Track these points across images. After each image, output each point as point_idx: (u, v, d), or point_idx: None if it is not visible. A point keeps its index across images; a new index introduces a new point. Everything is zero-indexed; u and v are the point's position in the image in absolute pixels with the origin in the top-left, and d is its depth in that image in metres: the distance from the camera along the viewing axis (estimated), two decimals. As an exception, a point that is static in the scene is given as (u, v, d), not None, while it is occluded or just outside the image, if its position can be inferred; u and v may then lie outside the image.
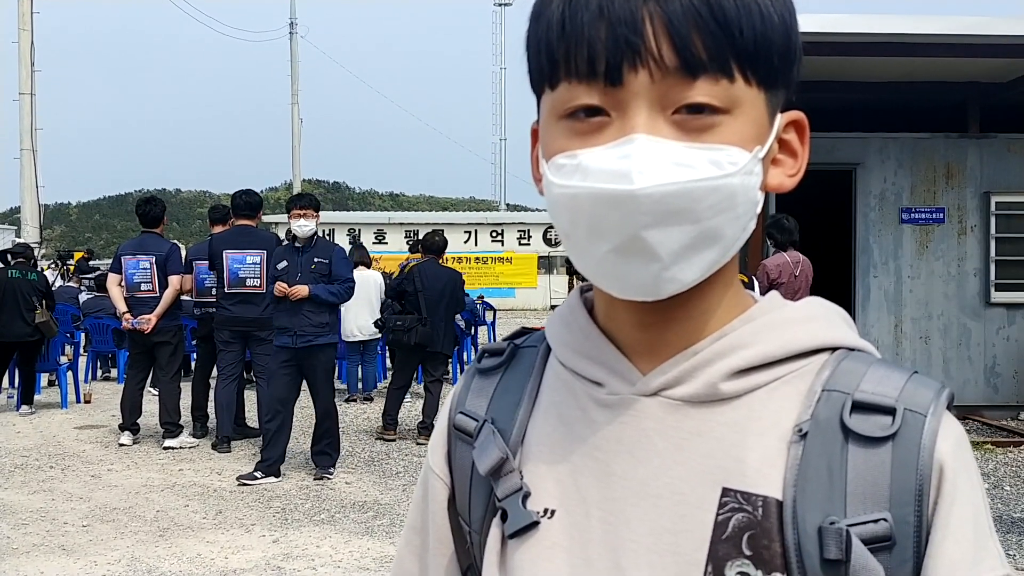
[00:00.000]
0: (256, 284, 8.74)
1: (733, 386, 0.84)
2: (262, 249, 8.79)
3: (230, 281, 8.72)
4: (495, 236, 32.44)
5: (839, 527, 0.77)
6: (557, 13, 0.81)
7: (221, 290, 8.79)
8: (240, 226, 8.98)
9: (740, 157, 0.79)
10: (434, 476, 1.00)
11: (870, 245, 10.27)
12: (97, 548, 5.98)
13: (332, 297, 7.70)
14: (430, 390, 9.39)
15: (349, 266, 8.03)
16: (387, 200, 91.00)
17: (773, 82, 0.82)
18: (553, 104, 0.83)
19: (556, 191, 0.81)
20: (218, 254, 8.73)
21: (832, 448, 0.80)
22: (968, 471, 0.81)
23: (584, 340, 0.91)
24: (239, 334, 8.77)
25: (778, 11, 0.81)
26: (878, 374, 0.83)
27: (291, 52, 44.88)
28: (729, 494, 0.81)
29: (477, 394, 0.98)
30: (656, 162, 0.76)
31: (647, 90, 0.78)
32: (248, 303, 8.71)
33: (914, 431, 0.79)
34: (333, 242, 9.10)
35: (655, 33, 0.77)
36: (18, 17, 23.39)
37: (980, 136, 10.35)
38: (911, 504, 0.78)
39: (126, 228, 64.05)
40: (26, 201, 24.28)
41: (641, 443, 0.85)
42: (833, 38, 8.51)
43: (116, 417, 9.57)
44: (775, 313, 0.88)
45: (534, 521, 0.87)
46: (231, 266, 8.71)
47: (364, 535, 6.27)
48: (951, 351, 10.32)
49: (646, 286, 0.80)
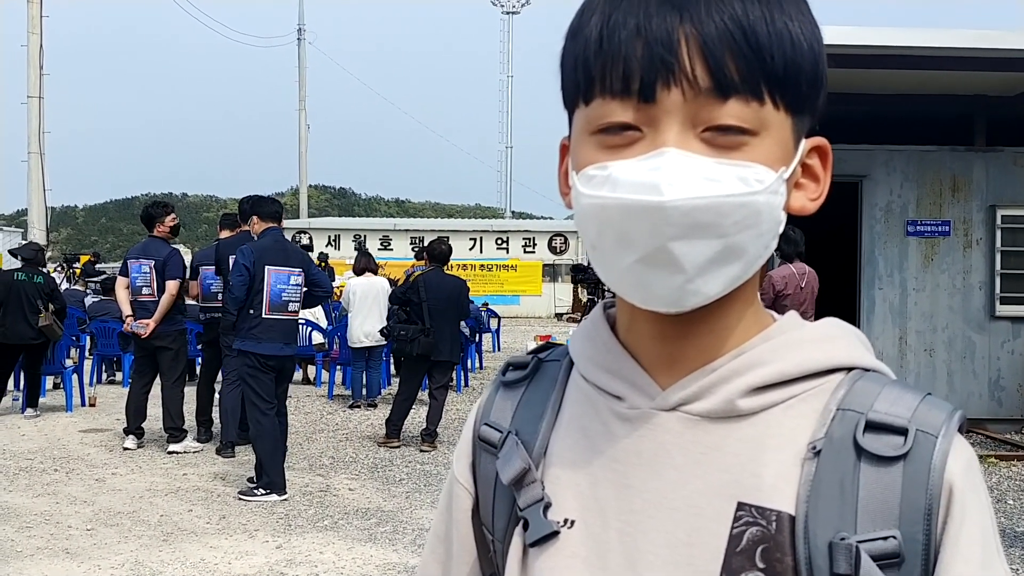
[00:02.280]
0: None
1: (750, 403, 0.86)
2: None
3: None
4: (500, 243, 32.43)
5: (849, 543, 0.79)
6: (595, 31, 0.83)
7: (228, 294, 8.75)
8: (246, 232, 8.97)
9: (767, 176, 0.81)
10: (459, 485, 1.02)
11: (875, 257, 10.27)
12: (101, 552, 5.99)
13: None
14: (435, 397, 9.39)
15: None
16: (393, 206, 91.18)
17: (800, 107, 0.84)
18: (587, 119, 0.84)
19: (585, 201, 0.83)
20: (224, 259, 8.72)
21: (845, 466, 0.82)
22: (977, 492, 0.83)
23: (606, 354, 0.93)
24: None
25: (808, 39, 0.83)
26: (892, 395, 0.84)
27: (299, 58, 44.99)
28: (744, 508, 0.83)
29: (502, 406, 1.00)
30: (686, 176, 0.78)
31: (679, 108, 0.80)
32: None
33: (925, 451, 0.81)
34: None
35: (690, 53, 0.79)
36: (27, 20, 23.48)
37: (986, 149, 10.36)
38: (920, 523, 0.80)
39: (132, 231, 64.20)
40: (33, 204, 24.35)
41: (659, 457, 0.87)
42: (841, 50, 8.52)
43: (121, 421, 9.58)
44: (793, 332, 0.89)
45: (554, 531, 0.89)
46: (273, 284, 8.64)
47: (367, 542, 6.28)
48: (956, 364, 10.31)
49: (669, 297, 0.82)
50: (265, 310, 7.38)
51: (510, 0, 57.84)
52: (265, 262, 7.44)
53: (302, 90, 44.32)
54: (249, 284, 7.38)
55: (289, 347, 7.55)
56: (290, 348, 7.59)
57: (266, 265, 7.42)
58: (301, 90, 44.33)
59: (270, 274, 7.43)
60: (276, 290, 7.45)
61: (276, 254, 7.54)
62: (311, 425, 10.61)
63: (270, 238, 7.68)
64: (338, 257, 26.26)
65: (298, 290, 7.60)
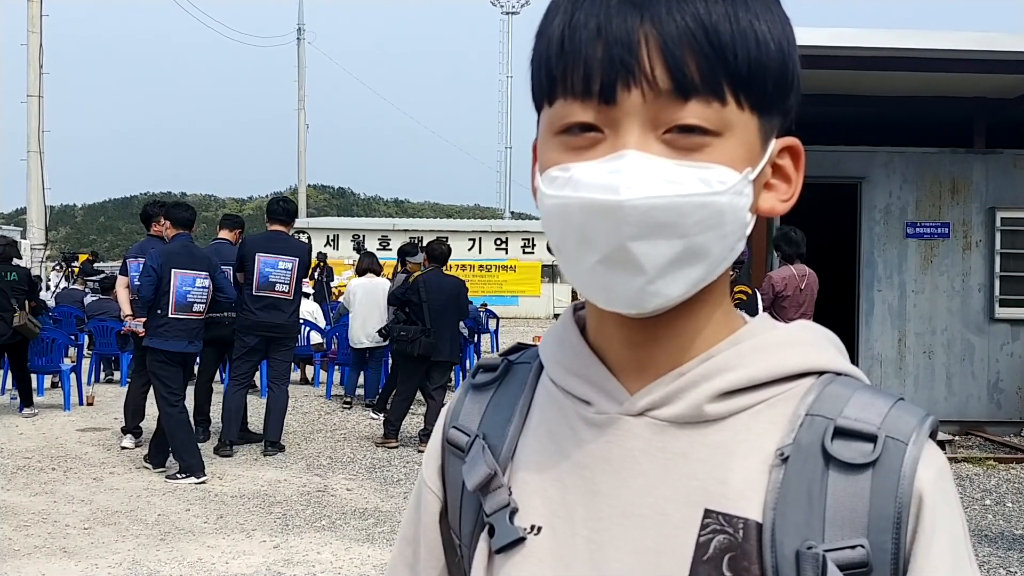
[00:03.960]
0: (285, 290, 8.75)
1: (718, 408, 0.84)
2: (295, 256, 8.80)
3: (259, 284, 8.71)
4: (499, 244, 32.42)
5: (816, 552, 0.77)
6: (557, 32, 0.82)
7: (248, 292, 8.74)
8: (274, 231, 9.00)
9: (730, 177, 0.80)
10: (427, 489, 1.01)
11: (875, 259, 10.27)
12: (98, 551, 5.98)
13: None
14: (433, 397, 9.39)
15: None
16: (392, 206, 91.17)
17: (767, 108, 0.83)
18: (550, 120, 0.84)
19: (548, 202, 0.82)
20: (250, 256, 8.72)
21: (813, 473, 0.80)
22: (948, 500, 0.81)
23: (574, 358, 0.92)
24: (264, 339, 8.77)
25: (775, 38, 0.82)
26: (862, 400, 0.83)
27: (298, 58, 45.00)
28: (711, 515, 0.81)
29: (470, 409, 0.99)
30: (645, 177, 0.77)
31: (639, 109, 0.79)
32: (275, 308, 8.72)
33: (895, 459, 0.80)
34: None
35: (649, 54, 0.78)
36: (27, 19, 23.48)
37: (986, 151, 10.36)
38: (889, 532, 0.79)
39: (131, 231, 64.16)
40: (32, 202, 24.35)
41: (627, 463, 0.86)
42: (840, 52, 8.53)
43: (119, 420, 9.58)
44: (763, 336, 0.88)
45: (520, 537, 0.88)
46: (262, 269, 8.71)
47: (365, 542, 6.27)
48: (954, 366, 10.30)
49: (631, 299, 0.81)
50: (171, 310, 7.88)
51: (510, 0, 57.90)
52: (172, 265, 7.94)
53: (301, 90, 44.34)
54: (156, 285, 7.88)
55: (193, 345, 8.04)
56: (194, 346, 8.07)
57: (173, 268, 7.93)
58: (300, 90, 44.34)
59: (176, 276, 7.93)
60: (182, 292, 7.95)
61: (183, 258, 8.04)
62: (309, 425, 10.60)
63: (179, 243, 8.19)
64: (337, 257, 26.27)
65: (204, 292, 8.09)
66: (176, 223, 8.29)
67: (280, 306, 8.75)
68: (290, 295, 8.79)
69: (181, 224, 8.28)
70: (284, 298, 8.76)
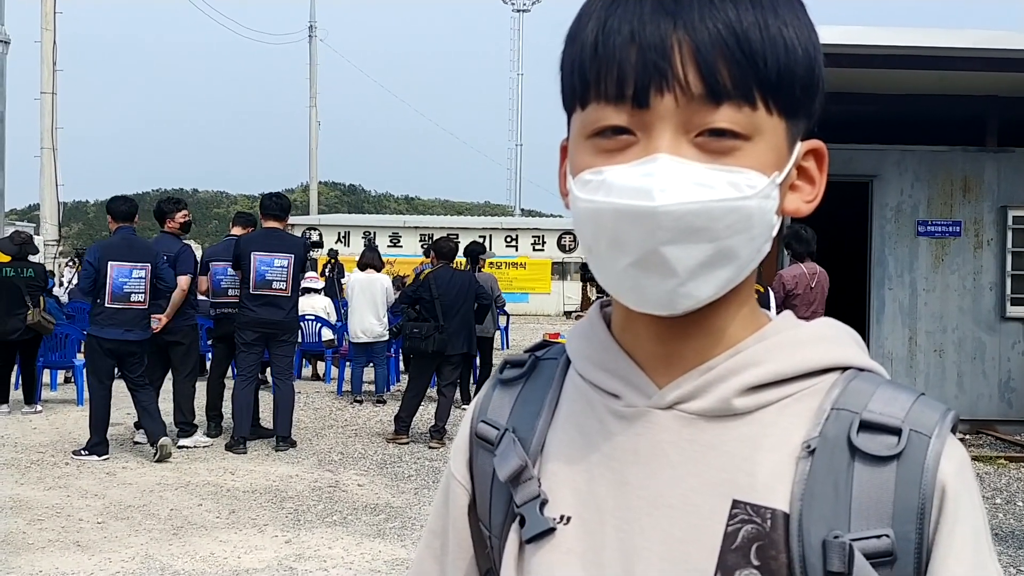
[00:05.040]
0: (283, 287, 8.79)
1: (745, 402, 0.87)
2: (290, 253, 8.84)
3: (256, 283, 8.76)
4: (509, 241, 32.42)
5: (842, 541, 0.80)
6: (591, 36, 0.84)
7: (246, 291, 8.81)
8: (269, 228, 9.03)
9: (759, 181, 0.82)
10: (456, 482, 1.03)
11: (886, 257, 10.25)
12: (111, 545, 6.03)
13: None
14: (443, 393, 9.42)
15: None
16: (402, 203, 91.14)
17: (794, 112, 0.85)
18: (583, 123, 0.86)
19: (581, 205, 0.85)
20: (245, 255, 8.78)
21: (839, 465, 0.83)
22: (970, 492, 0.84)
23: (603, 353, 0.94)
24: (262, 336, 8.82)
25: (803, 44, 0.84)
26: (886, 395, 0.85)
27: (310, 55, 45.05)
28: (739, 506, 0.84)
29: (499, 404, 1.01)
30: (677, 181, 0.79)
31: (672, 113, 0.81)
32: (273, 305, 8.76)
33: (918, 451, 0.82)
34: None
35: (682, 60, 0.80)
36: (41, 17, 23.58)
37: (998, 150, 10.32)
38: (913, 522, 0.81)
39: (143, 227, 64.07)
40: (45, 199, 24.47)
41: (656, 455, 0.88)
42: (853, 50, 8.52)
43: (131, 415, 9.60)
44: (788, 332, 0.90)
45: (551, 527, 0.90)
46: (259, 268, 8.76)
47: (376, 537, 6.31)
48: (965, 365, 10.28)
49: (662, 300, 0.83)
50: (107, 300, 8.31)
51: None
52: (109, 258, 8.36)
53: (313, 87, 44.37)
54: (94, 278, 8.33)
55: (131, 333, 8.37)
56: (133, 335, 8.38)
57: (109, 261, 8.36)
58: (312, 87, 44.38)
59: (112, 269, 8.34)
60: (118, 283, 8.34)
61: (121, 251, 8.43)
62: (320, 421, 10.64)
63: (119, 236, 8.57)
64: (348, 254, 26.28)
65: (141, 283, 8.39)
66: (116, 217, 8.64)
67: (277, 303, 8.80)
68: (287, 292, 8.83)
69: (121, 218, 8.63)
70: (281, 295, 8.80)
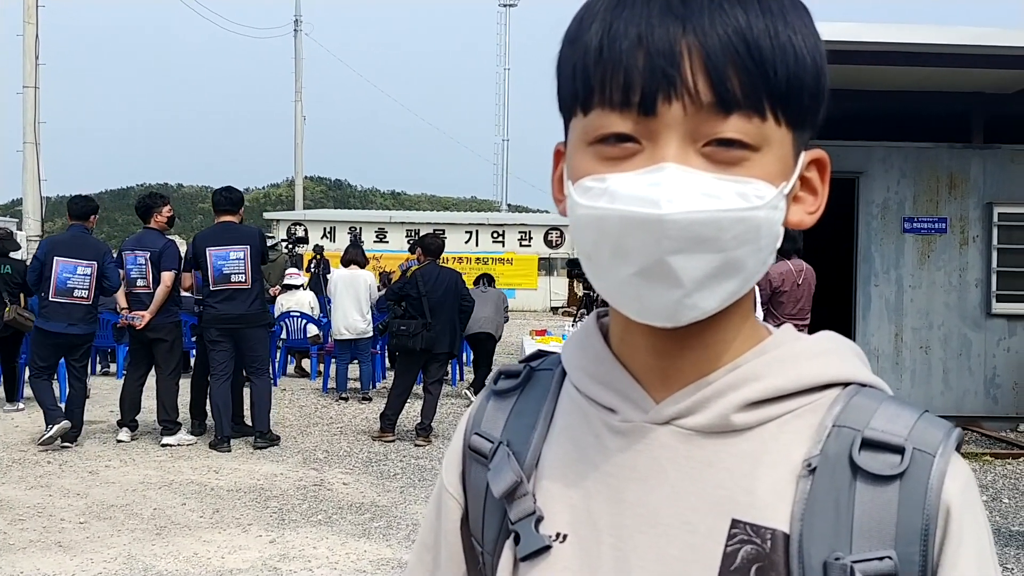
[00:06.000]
0: (242, 280, 8.74)
1: (745, 418, 0.84)
2: (245, 244, 8.79)
3: (215, 278, 8.72)
4: (496, 237, 32.38)
5: (844, 563, 0.78)
6: (595, 39, 0.81)
7: (206, 288, 8.81)
8: (222, 222, 8.97)
9: (767, 191, 0.80)
10: (448, 495, 1.00)
11: (872, 254, 10.27)
12: (94, 545, 5.97)
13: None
14: (429, 391, 9.37)
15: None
16: (388, 199, 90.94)
17: (801, 122, 0.83)
18: (585, 129, 0.83)
19: (581, 212, 0.82)
20: (201, 252, 8.75)
21: (840, 484, 0.81)
22: (975, 512, 0.82)
23: (599, 366, 0.91)
24: (227, 331, 8.77)
25: (810, 53, 0.82)
26: (889, 412, 0.83)
27: (295, 49, 44.85)
28: (738, 526, 0.82)
29: (493, 416, 0.98)
30: (685, 191, 0.77)
31: (680, 122, 0.78)
32: (234, 299, 8.72)
33: (922, 471, 0.80)
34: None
35: (692, 67, 0.78)
36: (23, 10, 23.36)
37: (984, 146, 10.35)
38: (917, 543, 0.79)
39: (127, 222, 63.99)
40: (28, 194, 24.26)
41: (653, 471, 0.86)
42: (837, 46, 8.50)
43: (114, 413, 9.56)
44: (788, 346, 0.88)
45: (546, 545, 0.88)
46: (215, 263, 8.72)
47: (361, 537, 6.27)
48: (951, 361, 10.31)
49: (666, 311, 0.80)
50: (51, 294, 8.61)
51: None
52: (56, 253, 8.70)
53: (298, 82, 44.18)
54: (39, 271, 8.69)
55: (74, 327, 8.63)
56: (76, 328, 8.64)
57: (56, 256, 8.68)
58: (297, 82, 44.18)
59: (57, 264, 8.65)
60: (62, 278, 8.63)
61: (69, 247, 8.76)
62: (305, 419, 10.59)
63: (70, 233, 8.97)
64: (334, 249, 26.19)
65: (86, 279, 8.65)
66: (71, 214, 9.03)
67: (237, 296, 8.74)
68: (247, 283, 8.76)
69: (76, 215, 8.98)
70: (241, 287, 8.75)
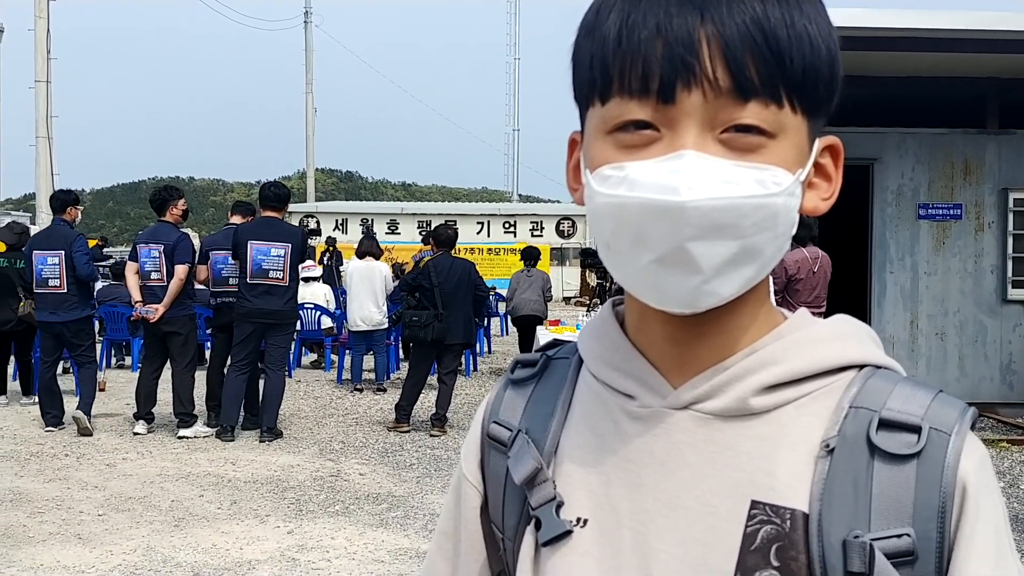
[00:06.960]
0: (279, 276, 8.77)
1: (763, 401, 0.86)
2: (287, 242, 8.81)
3: (252, 272, 8.73)
4: (508, 227, 32.34)
5: (863, 541, 0.79)
6: (614, 29, 0.82)
7: (243, 280, 8.79)
8: (266, 218, 9.00)
9: (784, 178, 0.81)
10: (467, 483, 1.02)
11: (887, 241, 10.23)
12: (113, 537, 6.01)
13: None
14: (444, 381, 9.39)
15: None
16: (400, 190, 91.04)
17: (816, 110, 0.84)
18: (603, 118, 0.84)
19: (600, 200, 0.82)
20: (243, 244, 8.75)
21: (858, 464, 0.82)
22: (990, 490, 0.83)
23: (615, 353, 0.93)
24: (259, 327, 8.79)
25: (825, 41, 0.83)
26: (904, 392, 0.84)
27: (306, 41, 44.84)
28: (758, 507, 0.83)
29: (511, 404, 1.00)
30: (704, 178, 0.78)
31: (699, 110, 0.79)
32: (270, 295, 8.74)
33: (938, 449, 0.81)
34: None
35: (711, 55, 0.79)
36: (34, 5, 23.41)
37: (999, 132, 10.29)
38: (934, 520, 0.80)
39: (139, 215, 64.29)
40: (41, 188, 24.33)
41: (672, 456, 0.87)
42: (852, 32, 8.47)
43: (131, 406, 9.60)
44: (804, 331, 0.89)
45: (567, 530, 0.89)
46: (255, 257, 8.73)
47: (378, 527, 6.29)
48: (967, 348, 10.27)
49: (685, 298, 0.81)
50: (35, 286, 9.10)
51: (518, -18, 57.52)
52: (33, 247, 9.18)
53: (309, 73, 44.21)
54: (29, 267, 9.12)
55: (55, 315, 9.01)
56: (57, 316, 9.01)
57: (34, 250, 9.14)
58: (308, 73, 44.21)
59: (35, 257, 9.10)
60: (39, 269, 9.08)
61: (42, 240, 9.25)
62: (320, 410, 10.63)
63: (48, 226, 9.39)
64: (346, 241, 26.23)
65: (56, 268, 9.01)
66: (51, 209, 9.49)
67: (274, 292, 8.77)
68: (284, 281, 8.81)
69: (53, 209, 9.44)
70: (278, 284, 8.78)
